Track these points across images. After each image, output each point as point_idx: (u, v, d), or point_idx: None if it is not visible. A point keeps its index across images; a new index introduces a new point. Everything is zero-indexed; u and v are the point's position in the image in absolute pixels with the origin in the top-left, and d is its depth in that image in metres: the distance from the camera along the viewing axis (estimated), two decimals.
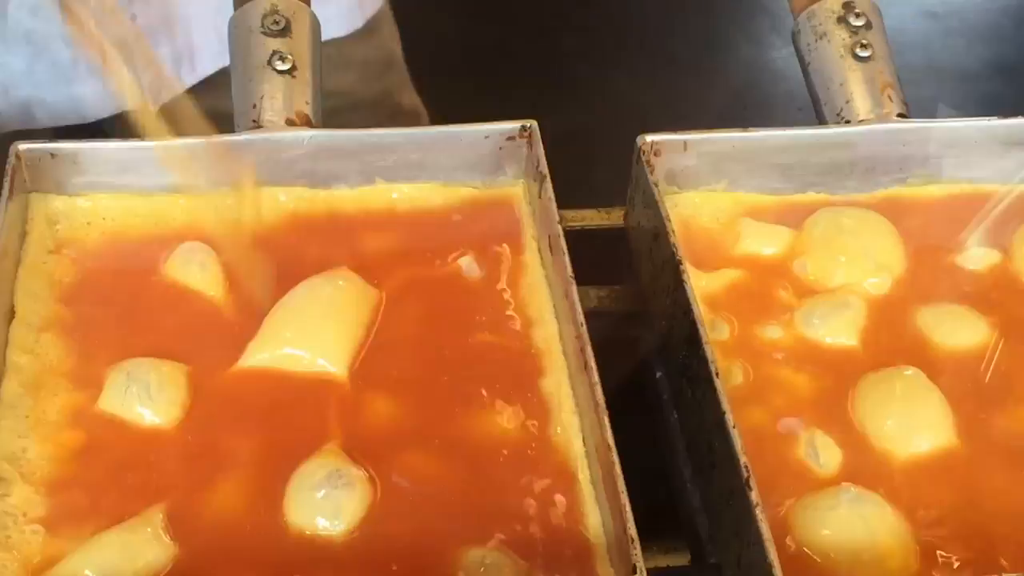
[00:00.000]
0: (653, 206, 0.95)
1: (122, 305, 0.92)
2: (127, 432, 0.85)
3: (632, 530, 0.74)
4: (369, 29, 1.41)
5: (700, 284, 0.94)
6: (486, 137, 0.99)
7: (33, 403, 0.85)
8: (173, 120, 0.95)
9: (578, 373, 0.86)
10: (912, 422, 0.87)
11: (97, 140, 0.98)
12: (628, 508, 0.75)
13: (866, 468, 0.85)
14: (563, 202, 0.95)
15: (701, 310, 0.88)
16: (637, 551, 0.74)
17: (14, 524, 0.79)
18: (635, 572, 0.73)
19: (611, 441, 0.78)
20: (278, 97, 0.99)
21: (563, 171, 1.49)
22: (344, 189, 0.99)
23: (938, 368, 0.91)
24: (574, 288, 0.87)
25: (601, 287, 1.04)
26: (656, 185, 0.96)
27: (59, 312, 0.91)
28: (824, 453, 0.85)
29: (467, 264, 0.96)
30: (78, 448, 0.84)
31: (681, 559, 0.98)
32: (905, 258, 0.99)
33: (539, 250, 0.96)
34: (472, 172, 1.00)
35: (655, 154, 0.98)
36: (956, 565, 0.80)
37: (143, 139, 0.95)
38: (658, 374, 1.04)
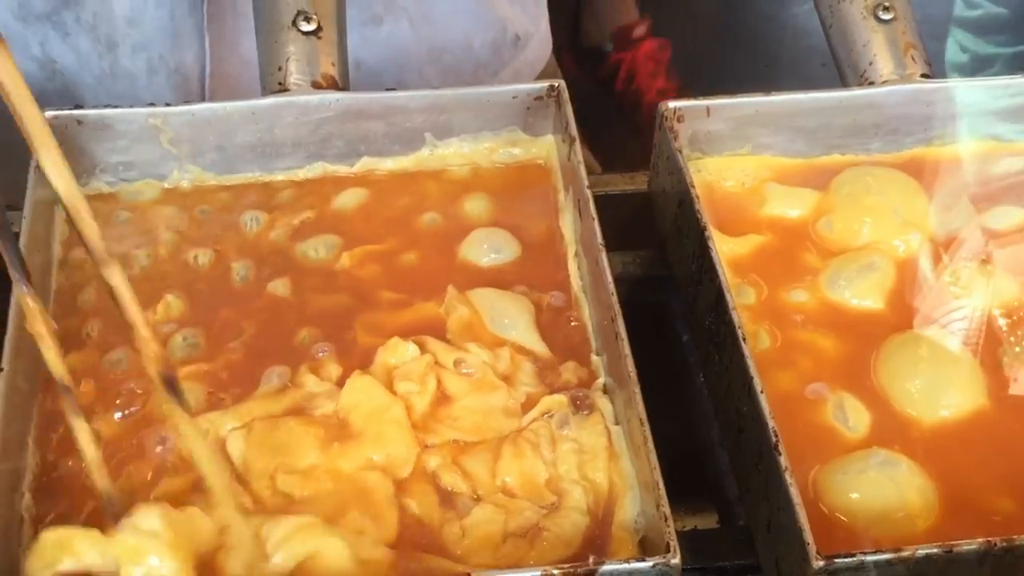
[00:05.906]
0: (677, 172, 0.95)
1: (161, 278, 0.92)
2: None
3: (666, 508, 0.74)
4: None
5: (725, 248, 0.94)
6: (514, 97, 0.99)
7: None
8: None
9: (609, 343, 0.85)
10: (941, 384, 0.88)
11: (123, 107, 0.96)
12: (662, 485, 0.75)
13: (895, 431, 0.85)
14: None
15: (727, 275, 0.88)
16: (671, 529, 0.74)
17: None
18: (668, 550, 0.73)
19: (643, 415, 0.78)
20: (304, 59, 0.98)
21: (585, 133, 1.50)
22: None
23: (967, 329, 0.91)
24: (604, 256, 0.86)
25: (626, 252, 1.04)
26: (680, 151, 0.96)
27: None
28: (853, 416, 0.86)
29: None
30: None
31: (709, 520, 0.99)
32: (931, 217, 0.99)
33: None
34: (500, 133, 1.00)
35: (678, 120, 0.98)
36: (985, 526, 0.80)
37: None
38: (684, 338, 1.04)
